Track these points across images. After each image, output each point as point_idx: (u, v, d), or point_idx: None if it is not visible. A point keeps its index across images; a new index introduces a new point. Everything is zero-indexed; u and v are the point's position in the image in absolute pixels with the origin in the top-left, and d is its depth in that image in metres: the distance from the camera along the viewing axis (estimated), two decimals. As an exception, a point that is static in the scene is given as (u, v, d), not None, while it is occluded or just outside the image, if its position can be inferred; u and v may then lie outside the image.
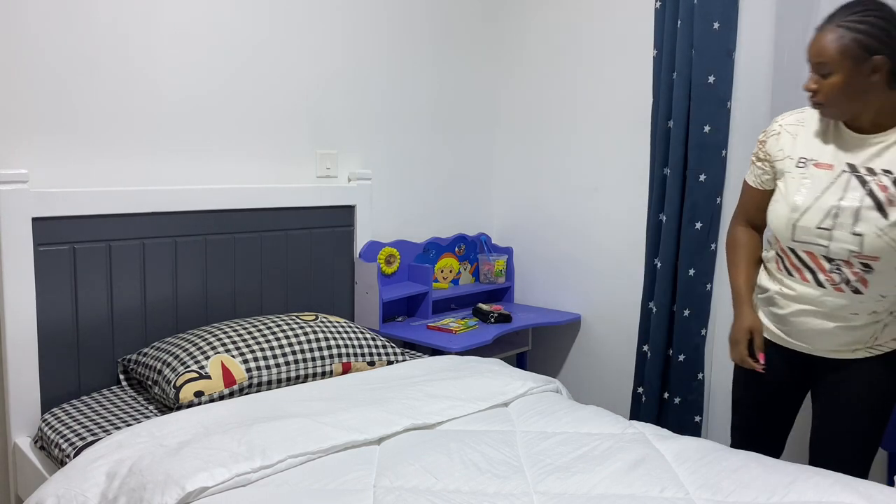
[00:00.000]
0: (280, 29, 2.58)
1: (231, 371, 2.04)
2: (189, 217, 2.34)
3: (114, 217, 2.18)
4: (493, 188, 3.44)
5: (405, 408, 1.88)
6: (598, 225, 3.03)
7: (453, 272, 3.20)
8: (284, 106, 2.63)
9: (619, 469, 1.59)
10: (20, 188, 1.99)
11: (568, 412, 1.93)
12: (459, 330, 2.73)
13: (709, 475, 1.56)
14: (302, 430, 1.69)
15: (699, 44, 2.48)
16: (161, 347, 2.15)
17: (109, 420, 1.93)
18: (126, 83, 2.24)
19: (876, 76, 1.55)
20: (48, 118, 2.11)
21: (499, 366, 2.29)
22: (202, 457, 1.55)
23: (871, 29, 1.53)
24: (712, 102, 2.48)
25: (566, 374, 3.20)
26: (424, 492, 1.48)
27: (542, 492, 1.50)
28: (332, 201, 2.72)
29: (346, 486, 1.51)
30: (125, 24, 2.22)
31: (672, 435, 1.81)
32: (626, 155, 2.90)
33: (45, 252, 2.06)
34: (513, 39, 3.30)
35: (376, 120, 2.93)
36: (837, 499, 1.45)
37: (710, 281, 2.56)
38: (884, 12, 1.55)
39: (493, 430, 1.82)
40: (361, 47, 2.84)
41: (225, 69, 2.46)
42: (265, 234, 2.54)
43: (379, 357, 2.35)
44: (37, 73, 2.07)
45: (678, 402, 2.64)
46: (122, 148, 2.25)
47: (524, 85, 3.28)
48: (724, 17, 2.44)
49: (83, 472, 1.59)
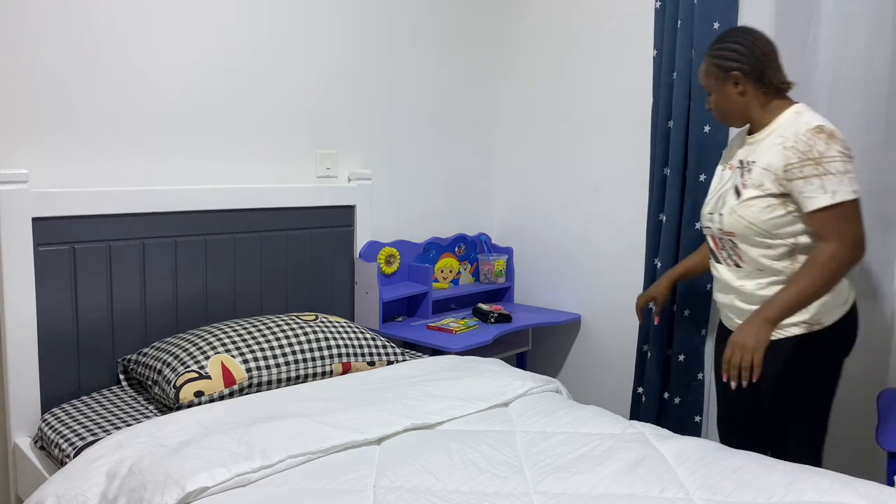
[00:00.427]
0: (280, 29, 2.58)
1: (231, 371, 2.04)
2: (189, 217, 2.34)
3: (114, 217, 2.18)
4: (493, 188, 3.44)
5: (405, 408, 1.88)
6: (598, 225, 3.03)
7: (453, 272, 3.20)
8: (284, 106, 2.63)
9: (619, 469, 1.59)
10: (20, 188, 1.99)
11: (568, 412, 1.93)
12: (459, 330, 2.73)
13: (709, 475, 1.56)
14: (302, 430, 1.69)
15: (699, 44, 2.48)
16: (161, 347, 2.15)
17: (109, 420, 1.93)
18: (126, 83, 2.24)
19: (740, 87, 1.89)
20: (48, 118, 2.11)
21: (499, 366, 2.29)
22: (202, 457, 1.55)
23: (726, 52, 1.90)
24: None
25: (566, 374, 3.20)
26: (424, 492, 1.48)
27: (542, 492, 1.50)
28: (332, 201, 2.72)
29: (346, 486, 1.51)
30: (125, 24, 2.22)
31: (672, 435, 1.81)
32: (626, 155, 2.90)
33: (45, 252, 2.06)
34: (513, 39, 3.30)
35: (376, 120, 2.93)
36: (837, 499, 1.45)
37: (711, 281, 2.56)
38: (737, 37, 1.90)
39: (493, 430, 1.82)
40: (362, 47, 2.84)
41: (225, 69, 2.46)
42: (265, 234, 2.54)
43: (379, 357, 2.35)
44: (37, 73, 2.07)
45: (678, 402, 2.64)
46: (122, 148, 2.26)
47: (524, 85, 3.28)
48: (725, 17, 2.44)
49: (83, 472, 1.59)
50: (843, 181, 1.73)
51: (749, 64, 1.87)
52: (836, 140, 1.75)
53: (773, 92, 1.89)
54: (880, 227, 2.21)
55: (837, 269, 1.74)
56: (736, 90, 1.90)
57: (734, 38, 1.90)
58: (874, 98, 2.18)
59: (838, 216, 1.74)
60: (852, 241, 1.74)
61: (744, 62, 1.87)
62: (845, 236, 1.74)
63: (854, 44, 2.20)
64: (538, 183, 3.24)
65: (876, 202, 2.20)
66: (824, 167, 1.73)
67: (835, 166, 1.73)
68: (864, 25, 2.18)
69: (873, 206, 2.20)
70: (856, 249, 1.75)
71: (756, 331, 1.74)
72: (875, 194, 2.20)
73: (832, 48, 2.23)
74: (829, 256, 1.74)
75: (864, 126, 2.20)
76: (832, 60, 2.23)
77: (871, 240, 2.19)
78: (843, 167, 1.73)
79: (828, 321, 1.86)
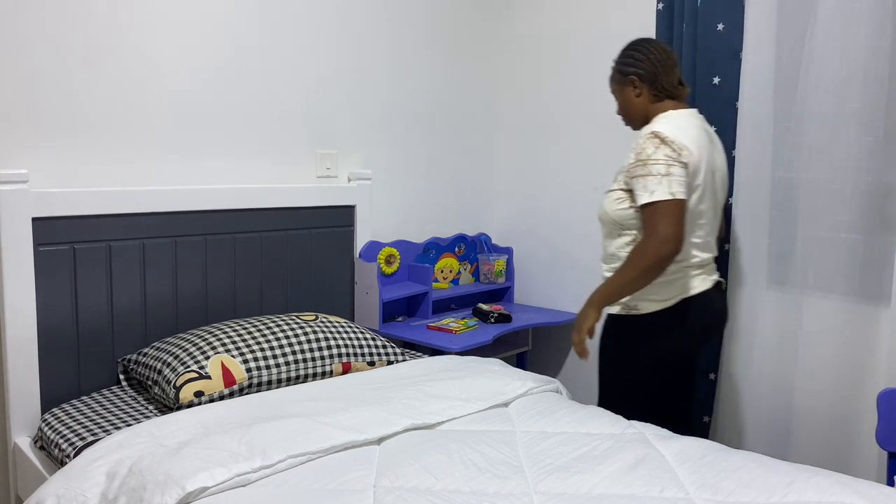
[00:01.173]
0: (280, 29, 2.59)
1: (231, 371, 2.04)
2: (189, 217, 2.34)
3: (114, 217, 2.18)
4: (493, 188, 3.44)
5: (405, 408, 1.88)
6: (598, 225, 3.03)
7: (453, 272, 3.20)
8: (284, 106, 2.63)
9: (619, 469, 1.59)
10: (20, 188, 1.99)
11: (568, 412, 1.93)
12: (459, 330, 2.73)
13: (709, 475, 1.56)
14: (302, 430, 1.69)
15: (702, 45, 2.48)
16: (161, 347, 2.15)
17: (109, 420, 1.93)
18: (126, 83, 2.24)
19: (637, 90, 2.11)
20: (48, 118, 2.11)
21: (499, 366, 2.29)
22: (202, 457, 1.55)
23: (626, 59, 2.13)
24: (717, 103, 2.47)
25: (566, 374, 3.20)
26: (424, 492, 1.48)
27: (542, 492, 1.50)
28: (332, 201, 2.72)
29: (346, 486, 1.51)
30: (125, 24, 2.22)
31: (672, 435, 1.81)
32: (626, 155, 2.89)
33: (45, 252, 2.06)
34: (513, 39, 3.30)
35: (376, 120, 2.93)
36: (837, 499, 1.45)
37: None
38: (637, 46, 2.12)
39: (493, 430, 1.82)
40: (362, 47, 2.84)
41: (225, 69, 2.46)
42: (265, 234, 2.54)
43: (379, 357, 2.35)
44: (37, 73, 2.07)
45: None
46: (122, 148, 2.26)
47: (524, 85, 3.28)
48: (729, 18, 2.43)
49: (83, 472, 1.59)
50: (663, 182, 1.91)
51: (644, 69, 2.09)
52: (665, 146, 1.94)
53: (665, 95, 2.10)
54: (880, 227, 2.21)
55: (646, 263, 1.91)
56: (634, 92, 2.12)
57: (634, 47, 2.13)
58: (873, 98, 2.18)
59: (654, 214, 1.91)
60: (662, 238, 1.89)
61: (640, 67, 2.09)
62: (657, 233, 1.90)
63: (854, 44, 2.19)
64: (538, 183, 3.24)
65: (876, 202, 2.20)
66: (648, 169, 1.93)
67: (657, 168, 1.92)
68: (864, 25, 2.17)
69: (873, 205, 2.20)
70: (664, 245, 1.89)
71: (581, 312, 2.03)
72: (874, 194, 2.20)
73: (832, 48, 2.23)
74: (639, 252, 1.93)
75: (863, 126, 2.20)
76: (832, 60, 2.23)
77: (871, 240, 2.21)
78: (665, 170, 1.91)
79: (644, 310, 2.06)
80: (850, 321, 2.25)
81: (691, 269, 2.06)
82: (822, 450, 2.31)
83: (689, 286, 2.05)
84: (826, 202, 2.27)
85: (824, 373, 2.30)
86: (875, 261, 2.22)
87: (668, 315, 2.05)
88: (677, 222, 1.90)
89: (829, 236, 2.28)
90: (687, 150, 1.95)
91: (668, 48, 2.13)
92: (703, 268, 2.08)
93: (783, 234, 2.38)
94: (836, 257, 2.27)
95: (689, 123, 2.04)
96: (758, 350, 2.44)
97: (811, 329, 2.32)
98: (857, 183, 2.22)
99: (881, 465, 2.19)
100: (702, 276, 2.07)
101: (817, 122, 2.27)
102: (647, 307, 2.06)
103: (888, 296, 2.18)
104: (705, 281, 2.08)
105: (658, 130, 1.97)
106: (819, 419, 2.32)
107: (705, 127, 2.13)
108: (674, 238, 1.90)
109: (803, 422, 2.36)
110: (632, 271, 1.94)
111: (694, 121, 2.07)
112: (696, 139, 2.00)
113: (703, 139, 2.04)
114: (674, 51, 2.53)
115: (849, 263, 2.25)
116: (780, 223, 2.39)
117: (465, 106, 3.27)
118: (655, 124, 2.01)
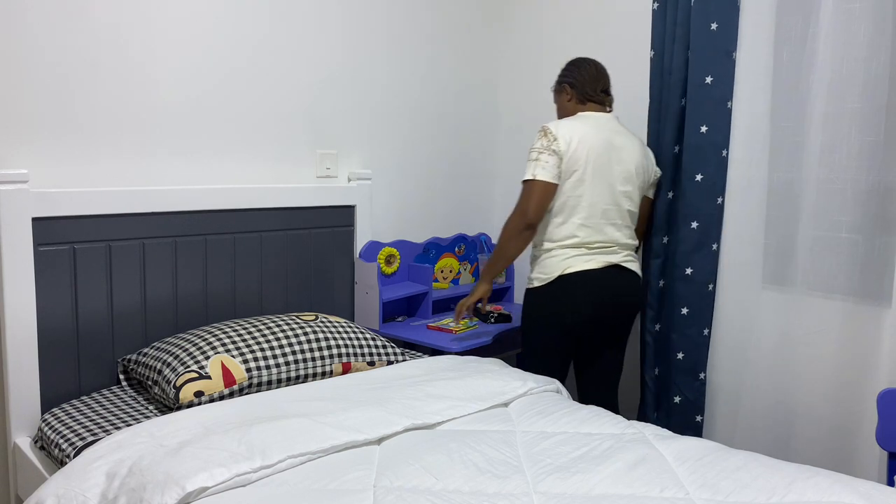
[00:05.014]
0: (280, 28, 2.59)
1: (231, 371, 2.04)
2: (189, 217, 2.34)
3: (114, 217, 2.18)
4: (493, 188, 3.43)
5: (405, 408, 1.88)
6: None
7: (453, 272, 3.20)
8: (284, 106, 2.63)
9: (619, 469, 1.59)
10: (20, 188, 1.99)
11: (568, 412, 1.93)
12: (459, 330, 2.73)
13: (709, 475, 1.56)
14: (302, 430, 1.69)
15: (697, 45, 2.48)
16: (161, 347, 2.15)
17: (109, 420, 1.93)
18: (126, 83, 2.24)
19: (567, 96, 2.47)
20: (48, 118, 2.11)
21: (499, 366, 2.30)
22: (202, 457, 1.55)
23: (563, 71, 2.51)
24: (710, 103, 2.47)
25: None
26: (424, 492, 1.48)
27: (542, 492, 1.50)
28: (332, 201, 2.72)
29: (346, 486, 1.51)
30: (125, 24, 2.22)
31: (672, 435, 1.81)
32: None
33: (45, 252, 2.06)
34: (512, 39, 3.30)
35: (376, 120, 2.93)
36: (837, 499, 1.45)
37: (713, 281, 2.56)
38: (575, 62, 2.49)
39: (493, 430, 1.82)
40: (361, 47, 2.84)
41: (225, 69, 2.46)
42: (265, 234, 2.54)
43: (379, 357, 2.35)
44: (37, 73, 2.07)
45: (678, 401, 2.64)
46: (122, 148, 2.26)
47: (524, 84, 3.27)
48: (725, 17, 2.44)
49: (83, 472, 1.59)
50: (531, 166, 2.30)
51: (574, 78, 2.45)
52: (544, 136, 2.31)
53: (589, 100, 2.44)
54: (880, 227, 2.21)
55: (507, 233, 2.34)
56: (566, 97, 2.48)
57: (573, 63, 2.49)
58: (873, 98, 2.18)
59: (522, 191, 2.31)
60: (520, 211, 2.30)
61: (570, 77, 2.47)
62: (517, 207, 2.32)
63: (854, 43, 2.19)
64: (538, 183, 3.23)
65: (875, 202, 2.20)
66: (529, 154, 2.33)
67: (532, 154, 2.31)
68: (864, 25, 2.17)
69: (873, 205, 2.20)
70: (520, 217, 2.30)
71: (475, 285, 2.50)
72: (874, 194, 2.20)
73: (832, 48, 2.23)
74: (505, 224, 2.36)
75: (862, 126, 2.20)
76: (832, 60, 2.23)
77: (871, 240, 2.21)
78: (535, 156, 2.30)
79: (535, 283, 2.39)
80: (851, 321, 2.25)
81: (570, 248, 2.34)
82: (823, 450, 2.31)
83: (567, 265, 2.33)
84: (826, 202, 2.27)
85: (824, 373, 2.30)
86: (875, 261, 2.22)
87: (551, 288, 2.35)
88: (533, 199, 2.28)
89: (829, 236, 2.28)
90: (561, 141, 2.28)
91: (600, 65, 2.48)
92: (590, 249, 2.34)
93: (782, 234, 2.38)
94: (836, 257, 2.27)
95: (589, 123, 2.36)
96: (754, 350, 2.44)
97: (811, 329, 2.32)
98: (857, 183, 2.22)
99: (881, 465, 2.19)
100: (586, 257, 2.33)
101: (817, 122, 2.27)
102: (535, 282, 2.39)
103: (889, 296, 2.18)
104: (590, 262, 2.33)
105: (546, 124, 2.33)
106: (819, 419, 2.32)
107: (613, 127, 2.40)
108: (528, 211, 2.28)
109: (803, 422, 2.36)
110: (500, 241, 2.36)
111: (598, 121, 2.37)
112: (582, 134, 2.30)
113: (594, 135, 2.32)
114: (666, 50, 2.57)
115: (849, 263, 2.25)
116: (779, 223, 2.39)
117: (465, 106, 3.27)
118: (554, 121, 2.36)
